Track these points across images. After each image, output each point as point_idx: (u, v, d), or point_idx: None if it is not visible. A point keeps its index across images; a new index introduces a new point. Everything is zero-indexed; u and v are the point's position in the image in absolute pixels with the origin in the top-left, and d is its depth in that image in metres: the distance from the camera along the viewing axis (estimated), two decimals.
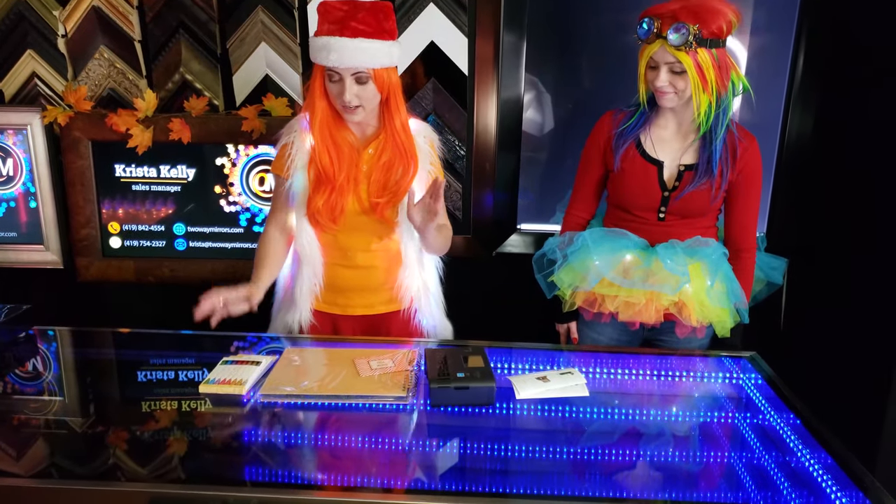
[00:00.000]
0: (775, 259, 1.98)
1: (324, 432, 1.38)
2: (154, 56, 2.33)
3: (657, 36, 1.59)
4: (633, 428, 1.41)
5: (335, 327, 1.84)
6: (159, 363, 1.65)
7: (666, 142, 1.75)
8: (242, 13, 2.28)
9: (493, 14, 2.26)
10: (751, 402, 1.52)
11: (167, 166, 2.31)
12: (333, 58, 1.57)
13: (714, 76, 1.60)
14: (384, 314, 1.82)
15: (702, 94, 1.61)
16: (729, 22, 1.59)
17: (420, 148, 1.73)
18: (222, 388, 1.45)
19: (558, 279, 1.83)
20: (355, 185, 1.70)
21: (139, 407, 1.44)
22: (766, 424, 1.42)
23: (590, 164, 1.86)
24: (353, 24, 1.56)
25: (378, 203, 1.70)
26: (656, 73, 1.62)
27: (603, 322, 1.84)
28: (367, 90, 1.61)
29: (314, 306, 1.80)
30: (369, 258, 1.77)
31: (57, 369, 1.66)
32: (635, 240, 1.77)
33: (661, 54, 1.60)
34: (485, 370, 1.45)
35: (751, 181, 1.74)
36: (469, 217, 2.46)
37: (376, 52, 1.58)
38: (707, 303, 1.73)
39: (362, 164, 1.71)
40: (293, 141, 1.70)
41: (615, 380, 1.60)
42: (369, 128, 1.72)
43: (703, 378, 1.63)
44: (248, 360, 1.56)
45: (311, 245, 1.74)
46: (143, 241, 2.38)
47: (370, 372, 1.52)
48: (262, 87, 2.33)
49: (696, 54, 1.57)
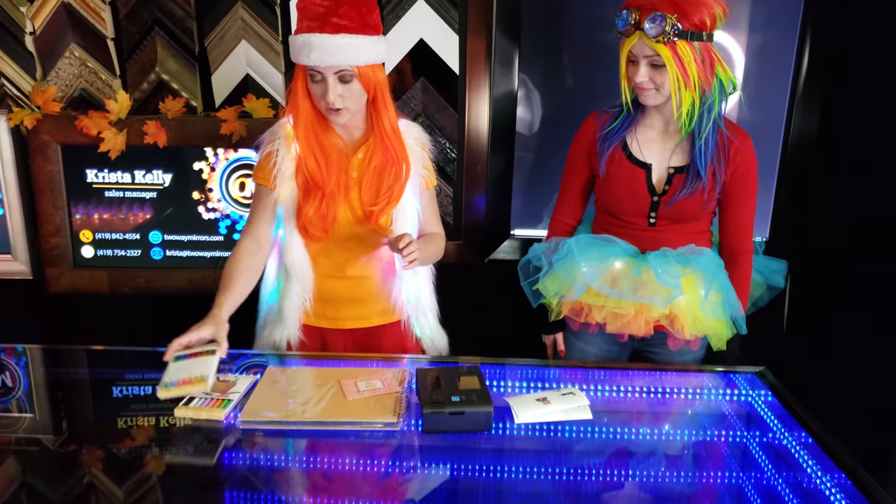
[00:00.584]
0: (775, 262, 1.90)
1: (308, 462, 1.29)
2: (128, 55, 2.22)
3: (636, 28, 1.51)
4: (641, 452, 1.34)
5: (325, 342, 1.73)
6: (134, 382, 1.56)
7: (653, 143, 1.67)
8: (221, 9, 2.16)
9: (485, 10, 2.16)
10: (761, 420, 1.44)
11: (142, 171, 2.20)
12: (314, 56, 1.46)
13: (696, 71, 1.51)
14: (378, 327, 1.73)
15: (683, 90, 1.53)
16: (713, 14, 1.51)
17: (412, 150, 1.64)
18: (184, 390, 1.35)
19: (543, 287, 1.74)
20: (346, 193, 1.60)
21: (112, 434, 1.34)
22: (778, 443, 1.35)
23: (574, 168, 1.79)
24: (335, 20, 1.46)
25: (372, 211, 1.60)
26: (636, 68, 1.55)
27: (591, 332, 1.75)
28: (352, 90, 1.51)
29: (303, 321, 1.70)
30: (362, 268, 1.67)
31: (26, 390, 1.54)
32: (625, 247, 1.69)
33: (639, 47, 1.53)
34: (481, 393, 1.36)
35: (745, 182, 1.66)
36: (461, 222, 2.36)
37: (360, 48, 1.48)
38: (701, 315, 1.65)
39: (352, 169, 1.61)
40: (278, 149, 1.59)
41: (618, 398, 1.52)
42: (357, 130, 1.62)
43: (710, 395, 1.55)
44: (201, 352, 1.42)
45: (301, 259, 1.64)
46: (117, 250, 2.26)
47: (357, 394, 1.42)
48: (242, 87, 2.21)
49: (675, 46, 1.49)
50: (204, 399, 1.38)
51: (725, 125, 1.63)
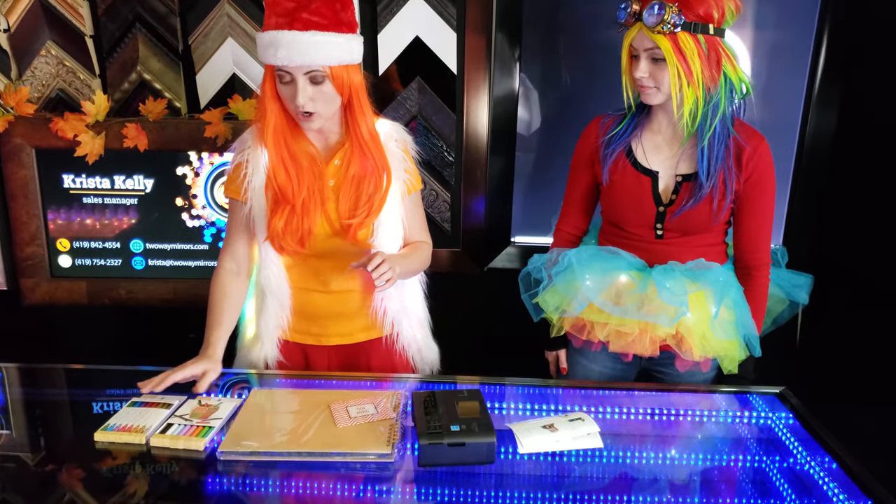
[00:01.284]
0: (798, 276, 1.78)
1: (296, 498, 1.17)
2: (108, 53, 2.11)
3: (636, 18, 1.42)
4: (658, 484, 1.23)
5: (307, 360, 1.63)
6: (113, 405, 1.43)
7: (660, 149, 1.56)
8: (206, 6, 2.06)
9: (484, 6, 2.06)
10: (783, 444, 1.35)
11: (122, 176, 2.08)
12: (282, 55, 1.34)
13: (700, 66, 1.40)
14: (363, 343, 1.63)
15: (685, 86, 1.42)
16: (721, 7, 1.40)
17: (392, 153, 1.52)
18: (120, 436, 1.26)
19: (543, 302, 1.64)
20: (322, 203, 1.48)
21: (88, 462, 1.23)
22: (801, 470, 1.27)
23: (578, 176, 1.68)
24: (305, 16, 1.34)
25: (349, 225, 1.49)
26: (637, 63, 1.45)
27: (594, 350, 1.65)
28: (324, 92, 1.39)
29: (283, 338, 1.59)
30: (344, 281, 1.56)
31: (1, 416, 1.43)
32: (630, 260, 1.58)
33: (639, 40, 1.43)
34: (483, 421, 1.25)
35: (761, 189, 1.54)
36: (459, 229, 2.26)
37: (332, 46, 1.36)
38: (710, 336, 1.53)
39: (328, 177, 1.49)
40: (248, 159, 1.47)
41: (628, 423, 1.42)
42: (332, 136, 1.51)
43: (728, 418, 1.45)
44: (158, 403, 1.36)
45: (277, 276, 1.54)
46: (97, 259, 2.15)
47: (349, 421, 1.31)
48: (228, 87, 2.11)
49: (676, 38, 1.38)
50: (182, 426, 1.28)
51: (738, 128, 1.52)
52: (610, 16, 2.11)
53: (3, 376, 1.57)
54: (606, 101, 2.17)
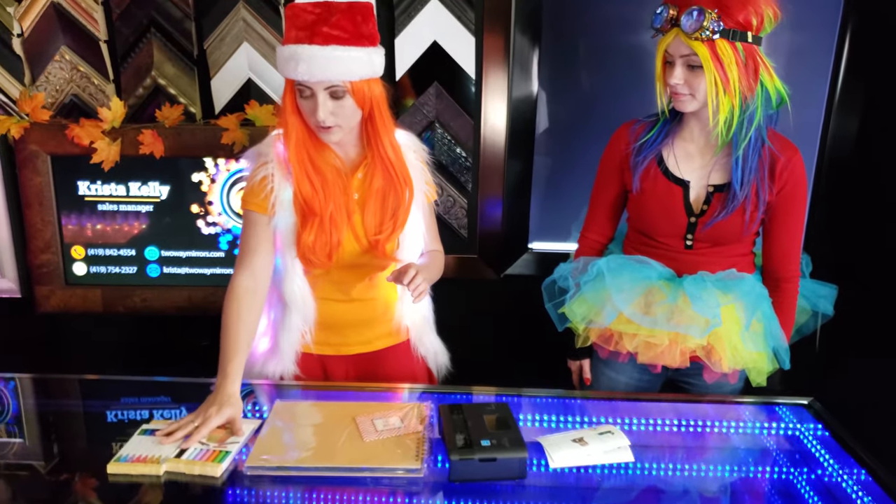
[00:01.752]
0: (823, 286, 1.75)
1: None
2: (122, 58, 2.08)
3: (673, 24, 1.39)
4: (691, 496, 1.21)
5: (326, 371, 1.61)
6: (135, 424, 1.39)
7: (692, 158, 1.53)
8: (222, 10, 2.03)
9: (503, 9, 2.03)
10: (813, 456, 1.33)
11: (137, 183, 2.06)
12: (302, 70, 1.32)
13: (738, 74, 1.37)
14: (381, 350, 1.61)
15: (722, 94, 1.39)
16: (760, 14, 1.37)
17: (412, 165, 1.51)
18: (135, 468, 1.19)
19: (570, 311, 1.62)
20: (349, 216, 1.47)
21: (104, 479, 1.20)
22: (833, 482, 1.26)
23: (605, 183, 1.65)
24: (326, 30, 1.32)
25: (377, 240, 1.49)
26: (671, 69, 1.42)
27: (621, 361, 1.63)
28: (345, 107, 1.37)
29: (302, 349, 1.57)
30: (366, 290, 1.56)
31: (14, 428, 1.40)
32: (659, 269, 1.55)
33: (675, 46, 1.40)
34: (513, 436, 1.23)
35: (793, 201, 1.52)
36: (475, 235, 2.23)
37: (353, 61, 1.34)
38: (741, 347, 1.52)
39: (353, 190, 1.48)
40: (273, 173, 1.44)
41: (657, 434, 1.40)
42: (353, 149, 1.49)
43: (756, 430, 1.43)
44: None
45: (301, 289, 1.51)
46: (112, 266, 2.13)
47: (376, 434, 1.29)
48: (244, 92, 2.08)
49: (714, 45, 1.35)
50: (198, 451, 1.23)
51: (772, 138, 1.49)
52: (630, 17, 2.11)
53: (17, 386, 1.55)
54: (626, 104, 2.15)
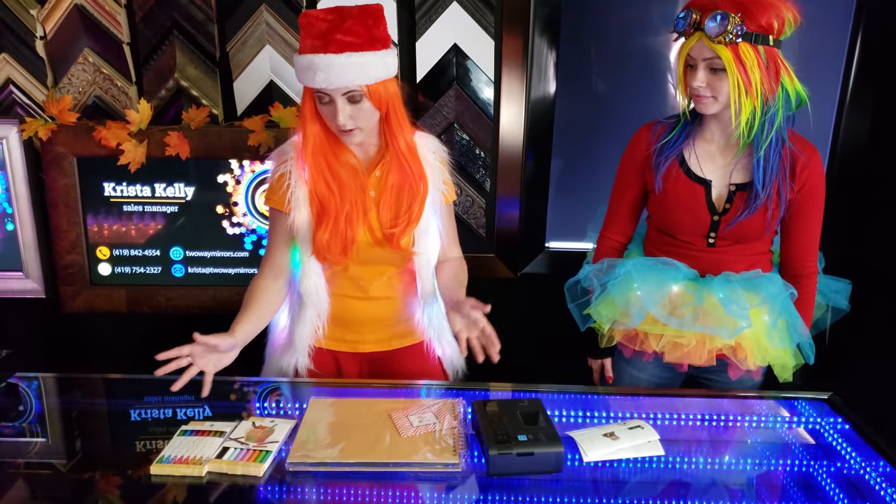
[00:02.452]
0: (837, 281, 1.79)
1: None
2: (145, 60, 2.11)
3: (695, 28, 1.41)
4: (722, 489, 1.25)
5: (339, 367, 1.65)
6: (158, 422, 1.44)
7: (713, 158, 1.57)
8: (244, 13, 2.06)
9: (522, 12, 2.06)
10: (835, 450, 1.37)
11: (163, 184, 2.08)
12: (320, 78, 1.36)
13: (760, 77, 1.40)
14: (396, 350, 1.64)
15: (744, 96, 1.42)
16: (781, 18, 1.40)
17: (430, 165, 1.55)
18: (178, 469, 1.22)
19: (595, 312, 1.64)
20: (365, 214, 1.51)
21: (137, 480, 1.22)
22: (857, 475, 1.30)
23: (626, 183, 1.68)
24: (339, 37, 1.36)
25: (392, 234, 1.52)
26: (694, 72, 1.45)
27: (646, 360, 1.66)
28: (363, 110, 1.42)
29: (316, 345, 1.61)
30: (384, 288, 1.59)
31: (39, 426, 1.43)
32: (685, 270, 1.58)
33: (698, 49, 1.42)
34: (549, 431, 1.26)
35: (812, 200, 1.56)
36: (493, 234, 2.26)
37: (368, 66, 1.38)
38: (767, 345, 1.55)
39: (370, 188, 1.52)
40: (291, 170, 1.50)
41: (683, 429, 1.44)
42: (372, 148, 1.54)
43: (778, 424, 1.48)
44: (209, 431, 1.33)
45: (318, 285, 1.55)
46: (136, 267, 2.15)
47: (413, 430, 1.32)
48: (266, 94, 2.11)
49: (737, 49, 1.38)
50: (238, 451, 1.26)
51: (791, 138, 1.53)
52: (648, 20, 2.14)
53: (40, 385, 1.57)
54: (642, 106, 2.19)
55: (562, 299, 1.75)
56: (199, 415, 1.42)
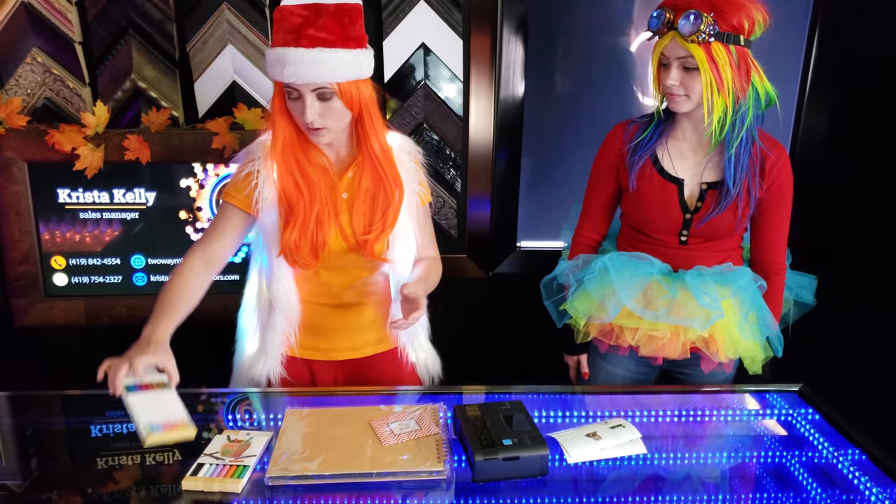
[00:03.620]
0: (804, 276, 1.83)
1: None
2: (99, 60, 2.02)
3: (669, 27, 1.43)
4: (702, 484, 1.26)
5: (313, 376, 1.60)
6: (122, 437, 1.37)
7: (685, 157, 1.59)
8: (205, 11, 2.00)
9: (489, 10, 2.05)
10: (807, 441, 1.40)
11: (122, 190, 2.00)
12: (289, 72, 1.32)
13: (731, 76, 1.43)
14: (371, 357, 1.61)
15: (716, 95, 1.44)
16: (752, 18, 1.43)
17: (405, 166, 1.51)
18: (170, 435, 1.16)
19: (572, 307, 1.65)
20: (336, 216, 1.47)
21: (99, 499, 1.17)
22: (831, 464, 1.32)
23: (600, 181, 1.69)
24: (312, 32, 1.32)
25: (366, 240, 1.47)
26: (667, 71, 1.46)
27: (621, 355, 1.67)
28: (332, 108, 1.37)
29: (288, 353, 1.56)
30: (357, 294, 1.54)
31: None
32: (658, 265, 1.60)
33: (672, 48, 1.44)
34: (533, 434, 1.25)
35: (781, 198, 1.59)
36: (464, 235, 2.25)
37: (339, 63, 1.34)
38: (738, 337, 1.58)
39: (342, 190, 1.47)
40: (259, 170, 1.44)
41: (661, 425, 1.45)
42: (342, 150, 1.49)
43: (752, 417, 1.50)
44: (152, 384, 1.25)
45: (288, 290, 1.50)
46: (95, 276, 2.06)
47: (395, 438, 1.30)
48: (229, 96, 2.05)
49: (709, 48, 1.40)
50: (214, 466, 1.21)
51: (761, 137, 1.56)
52: (616, 18, 2.16)
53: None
54: (610, 105, 2.21)
55: (535, 298, 1.75)
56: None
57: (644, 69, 2.17)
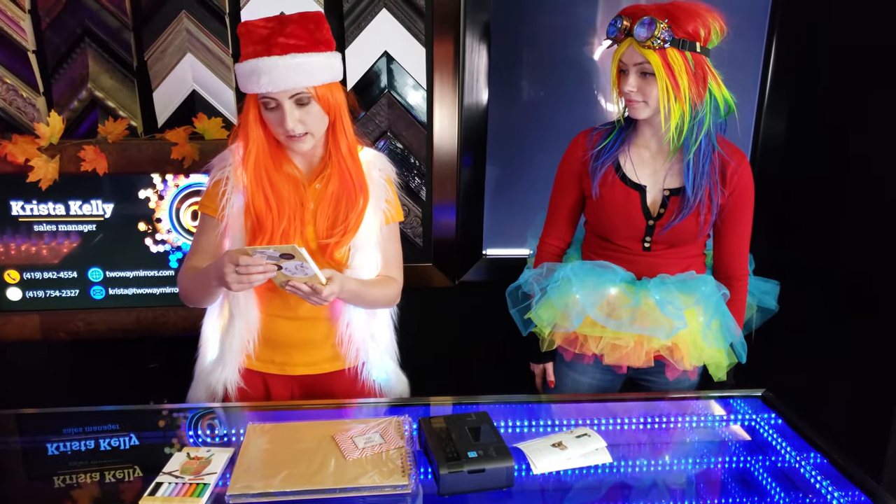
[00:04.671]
0: (766, 282, 1.86)
1: None
2: (54, 70, 1.97)
3: (626, 34, 1.46)
4: (668, 491, 1.27)
5: (268, 390, 1.57)
6: (80, 455, 1.33)
7: (647, 164, 1.60)
8: (163, 20, 1.96)
9: (452, 19, 2.05)
10: (771, 445, 1.41)
11: (78, 202, 1.95)
12: (265, 81, 1.31)
13: (687, 82, 1.45)
14: (327, 374, 1.57)
15: (672, 101, 1.46)
16: (707, 26, 1.46)
17: (374, 181, 1.49)
18: None
19: (536, 316, 1.65)
20: (302, 228, 1.45)
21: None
22: (794, 467, 1.34)
23: (564, 189, 1.70)
24: (282, 40, 1.32)
25: (327, 244, 1.45)
26: (626, 77, 1.49)
27: (586, 363, 1.68)
28: (312, 113, 1.37)
29: (245, 365, 1.53)
30: (315, 308, 1.49)
31: None
32: (622, 273, 1.61)
33: (629, 55, 1.47)
34: (498, 445, 1.24)
35: (743, 204, 1.61)
36: (430, 243, 2.24)
37: (314, 66, 1.34)
38: (702, 345, 1.60)
39: (308, 201, 1.46)
40: (228, 177, 1.43)
41: (626, 433, 1.45)
42: (315, 158, 1.48)
43: (717, 423, 1.52)
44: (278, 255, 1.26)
45: (246, 299, 1.48)
46: (51, 290, 2.00)
47: (358, 452, 1.28)
48: (188, 105, 2.01)
49: (665, 53, 1.43)
50: (174, 485, 1.18)
51: (721, 144, 1.58)
52: (578, 26, 2.17)
53: None
54: (575, 112, 2.23)
55: (501, 307, 1.75)
56: (125, 444, 1.35)
57: (605, 74, 2.19)
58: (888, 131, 1.88)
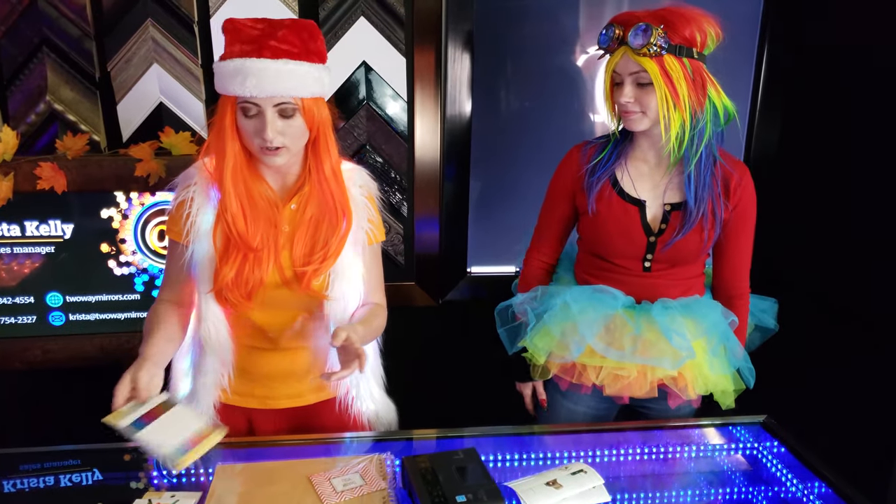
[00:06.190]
0: (763, 300, 1.77)
1: None
2: (9, 81, 1.85)
3: (619, 43, 1.37)
4: None
5: (252, 425, 1.46)
6: (38, 494, 1.24)
7: (646, 178, 1.52)
8: (127, 29, 1.85)
9: (433, 28, 1.96)
10: (773, 475, 1.34)
11: (34, 222, 1.83)
12: (251, 84, 1.20)
13: (687, 89, 1.37)
14: (314, 405, 1.47)
15: (672, 110, 1.38)
16: (704, 31, 1.38)
17: (355, 200, 1.38)
18: (200, 450, 1.13)
19: (531, 344, 1.55)
20: (276, 252, 1.33)
21: None
22: (798, 498, 1.28)
23: (555, 205, 1.61)
24: (274, 44, 1.22)
25: (304, 272, 1.33)
26: (621, 89, 1.40)
27: (583, 393, 1.59)
28: (294, 126, 1.25)
29: (222, 400, 1.42)
30: (295, 337, 1.40)
31: None
32: (622, 298, 1.52)
33: (624, 64, 1.38)
34: (489, 488, 1.15)
35: (745, 219, 1.53)
36: (412, 261, 2.15)
37: (305, 76, 1.24)
38: (708, 373, 1.51)
39: (283, 223, 1.34)
40: (193, 197, 1.31)
41: (624, 464, 1.37)
42: (290, 176, 1.36)
43: (718, 452, 1.44)
44: (157, 407, 1.19)
45: (218, 330, 1.36)
46: (5, 317, 1.88)
47: (336, 497, 1.18)
48: (155, 118, 1.90)
49: (662, 61, 1.35)
50: None
51: (723, 156, 1.50)
52: (563, 34, 2.10)
53: None
54: (562, 125, 2.15)
55: (487, 326, 1.66)
56: (88, 479, 1.26)
57: (592, 84, 2.12)
58: (883, 138, 1.83)
